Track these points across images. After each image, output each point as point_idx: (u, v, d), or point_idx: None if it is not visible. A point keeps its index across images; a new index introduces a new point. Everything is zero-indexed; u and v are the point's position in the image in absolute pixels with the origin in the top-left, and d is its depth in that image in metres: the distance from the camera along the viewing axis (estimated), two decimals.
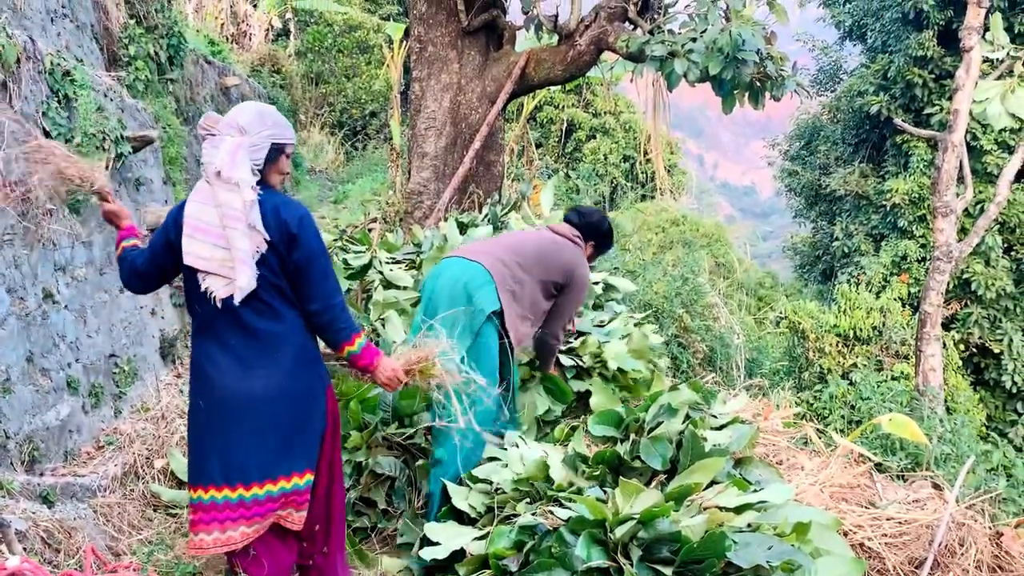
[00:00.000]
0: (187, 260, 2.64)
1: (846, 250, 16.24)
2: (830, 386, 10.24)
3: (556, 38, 7.86)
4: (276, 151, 2.69)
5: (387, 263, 5.45)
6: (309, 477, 2.72)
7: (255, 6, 19.32)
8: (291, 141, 2.75)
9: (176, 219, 2.71)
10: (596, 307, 4.95)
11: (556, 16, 7.82)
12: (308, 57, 18.40)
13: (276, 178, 2.75)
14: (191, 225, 2.64)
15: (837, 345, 11.90)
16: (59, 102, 3.78)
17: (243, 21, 18.28)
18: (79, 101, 3.83)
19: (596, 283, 5.04)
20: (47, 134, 3.62)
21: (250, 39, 18.13)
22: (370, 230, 7.92)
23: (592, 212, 4.09)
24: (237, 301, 2.60)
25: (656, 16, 7.47)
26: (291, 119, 14.93)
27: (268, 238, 2.61)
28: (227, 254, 2.59)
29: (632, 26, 7.50)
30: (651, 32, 7.16)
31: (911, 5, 14.69)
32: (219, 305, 2.63)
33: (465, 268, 3.66)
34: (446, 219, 6.45)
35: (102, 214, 2.98)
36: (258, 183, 2.63)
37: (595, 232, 4.02)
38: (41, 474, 3.42)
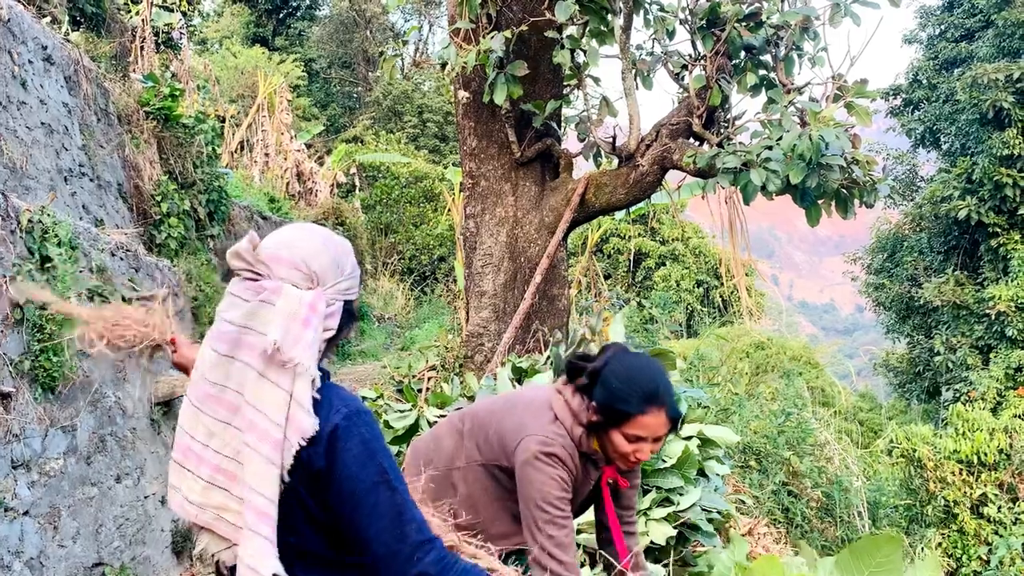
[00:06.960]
0: (171, 502, 1.66)
1: (950, 365, 15.20)
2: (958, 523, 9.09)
3: (616, 161, 7.31)
4: (348, 314, 1.75)
5: (437, 421, 4.70)
6: None
7: (321, 163, 19.99)
8: (358, 293, 1.80)
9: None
10: (700, 474, 3.90)
11: (614, 138, 7.29)
12: (376, 209, 18.97)
13: (333, 351, 1.80)
14: (182, 444, 1.62)
15: (960, 473, 10.60)
16: (36, 264, 3.26)
17: (308, 179, 18.89)
18: (58, 262, 3.30)
19: (688, 438, 4.04)
20: (16, 304, 3.07)
21: (315, 195, 18.68)
22: (430, 378, 7.32)
23: (605, 350, 2.44)
24: None
25: (724, 128, 6.87)
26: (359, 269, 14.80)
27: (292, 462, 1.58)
28: (228, 499, 1.56)
29: (698, 141, 6.89)
30: (719, 145, 6.53)
31: (988, 105, 13.98)
32: None
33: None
34: (503, 363, 5.73)
35: (172, 364, 2.23)
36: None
37: (591, 381, 2.37)
38: None
